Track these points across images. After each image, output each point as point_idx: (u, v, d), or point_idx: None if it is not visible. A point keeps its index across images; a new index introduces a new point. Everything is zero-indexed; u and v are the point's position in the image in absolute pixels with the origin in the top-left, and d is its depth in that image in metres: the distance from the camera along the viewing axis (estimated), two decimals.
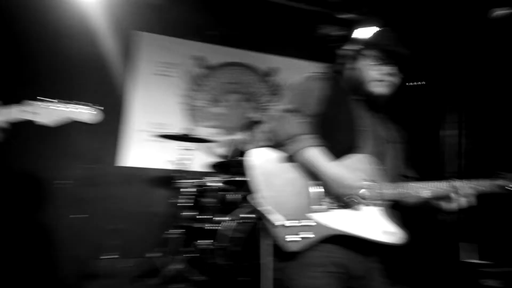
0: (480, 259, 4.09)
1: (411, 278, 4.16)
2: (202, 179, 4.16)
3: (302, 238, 1.47)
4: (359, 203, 1.54)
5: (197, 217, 4.00)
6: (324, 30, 4.83)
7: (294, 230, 1.48)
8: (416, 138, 1.93)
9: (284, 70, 5.87)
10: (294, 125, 1.60)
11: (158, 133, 4.38)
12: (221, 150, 5.29)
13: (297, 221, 1.49)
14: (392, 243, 1.54)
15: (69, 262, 4.10)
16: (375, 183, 1.59)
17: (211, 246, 3.73)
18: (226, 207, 4.00)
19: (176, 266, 3.60)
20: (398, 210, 1.66)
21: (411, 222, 1.69)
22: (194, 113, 5.41)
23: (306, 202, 1.54)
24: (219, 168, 4.46)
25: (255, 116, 5.63)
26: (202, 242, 3.74)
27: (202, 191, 4.08)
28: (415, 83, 5.28)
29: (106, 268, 4.02)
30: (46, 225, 4.27)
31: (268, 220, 1.48)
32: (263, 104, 5.81)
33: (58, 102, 1.86)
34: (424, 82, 5.03)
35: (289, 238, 1.46)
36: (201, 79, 5.50)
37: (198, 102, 5.47)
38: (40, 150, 4.40)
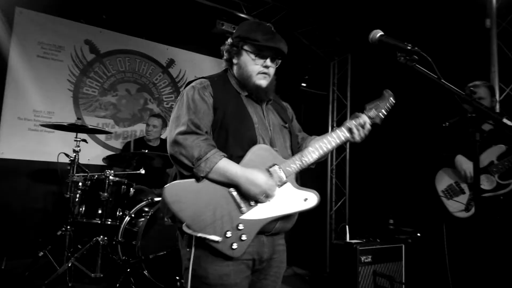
0: (349, 239, 4.68)
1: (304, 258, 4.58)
2: (95, 173, 3.97)
3: (242, 240, 1.60)
4: (271, 196, 1.65)
5: (91, 212, 3.83)
6: (223, 27, 4.93)
7: (235, 236, 1.59)
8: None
9: (181, 62, 5.82)
10: (197, 145, 1.60)
11: (44, 122, 4.07)
12: (116, 142, 5.09)
13: (234, 228, 1.60)
14: (314, 205, 1.72)
15: None
16: (279, 165, 1.70)
17: (107, 242, 3.65)
18: (122, 202, 3.92)
19: (71, 264, 3.44)
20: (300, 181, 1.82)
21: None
22: (83, 101, 5.07)
23: (235, 208, 1.63)
24: (113, 161, 4.30)
25: (155, 108, 5.52)
26: (98, 238, 3.62)
27: (96, 185, 3.90)
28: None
29: None
30: None
31: (210, 241, 1.55)
32: (164, 96, 5.72)
33: None
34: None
35: (234, 245, 1.58)
36: (91, 65, 5.16)
37: (88, 90, 5.14)
38: None
